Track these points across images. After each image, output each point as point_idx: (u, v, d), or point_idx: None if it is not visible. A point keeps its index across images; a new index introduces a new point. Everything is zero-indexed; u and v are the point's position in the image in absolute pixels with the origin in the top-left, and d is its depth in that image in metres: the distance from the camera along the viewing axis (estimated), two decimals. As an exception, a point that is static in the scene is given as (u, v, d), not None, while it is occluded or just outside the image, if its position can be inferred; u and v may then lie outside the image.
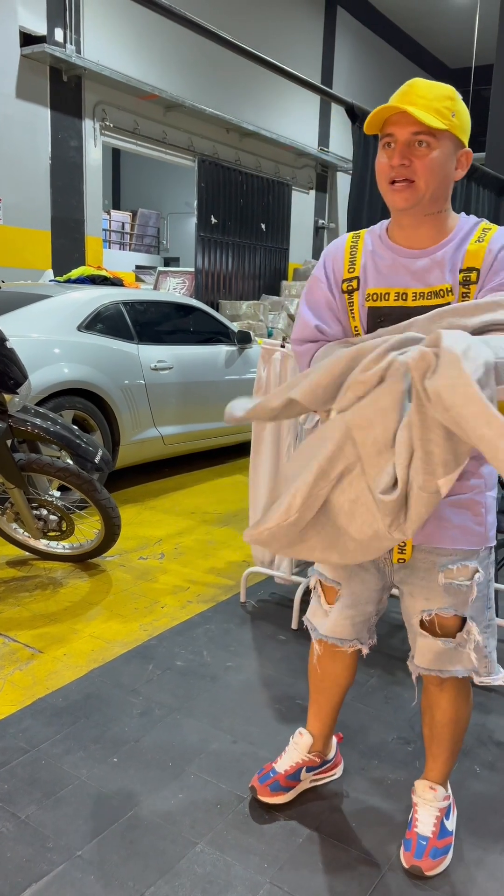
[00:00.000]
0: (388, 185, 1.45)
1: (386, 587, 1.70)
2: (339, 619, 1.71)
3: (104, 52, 8.46)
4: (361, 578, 1.67)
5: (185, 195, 14.81)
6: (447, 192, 1.48)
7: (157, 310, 5.00)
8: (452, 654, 1.61)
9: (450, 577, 1.56)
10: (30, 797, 1.89)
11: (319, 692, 1.89)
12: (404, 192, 1.43)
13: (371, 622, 1.75)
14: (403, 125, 1.41)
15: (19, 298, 4.44)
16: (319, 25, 12.20)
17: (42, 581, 3.27)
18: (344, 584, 1.69)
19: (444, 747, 1.75)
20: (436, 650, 1.61)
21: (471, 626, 1.60)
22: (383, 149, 1.45)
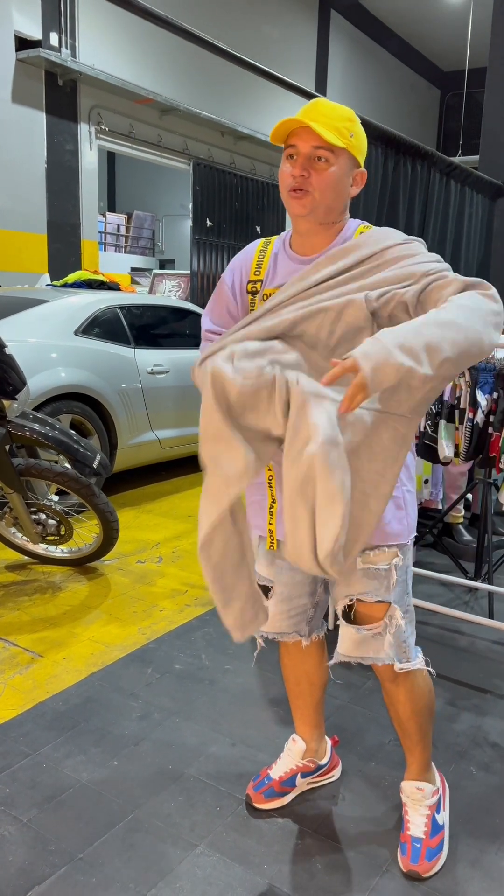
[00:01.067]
0: (289, 193, 1.53)
1: (317, 580, 1.75)
2: (275, 614, 1.77)
3: (99, 56, 8.48)
4: (291, 573, 1.72)
5: (180, 198, 14.82)
6: (342, 205, 1.56)
7: (153, 314, 5.02)
8: (371, 642, 1.65)
9: (368, 561, 1.60)
10: (31, 801, 1.91)
11: (297, 696, 1.93)
12: (302, 200, 1.51)
13: (309, 615, 1.79)
14: (306, 139, 1.49)
15: (16, 303, 4.46)
16: (313, 29, 12.24)
17: (41, 585, 3.29)
18: (275, 581, 1.75)
19: (415, 740, 1.78)
20: (355, 638, 1.66)
21: (394, 610, 1.63)
22: (286, 159, 1.54)
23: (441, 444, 2.98)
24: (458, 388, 2.94)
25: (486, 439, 2.93)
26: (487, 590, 3.04)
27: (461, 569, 3.39)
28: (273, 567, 1.75)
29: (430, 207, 4.04)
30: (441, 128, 16.52)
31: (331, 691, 2.44)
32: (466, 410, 2.92)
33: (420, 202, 3.93)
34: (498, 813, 1.93)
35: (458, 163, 4.26)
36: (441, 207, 4.19)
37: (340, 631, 1.70)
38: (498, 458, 2.92)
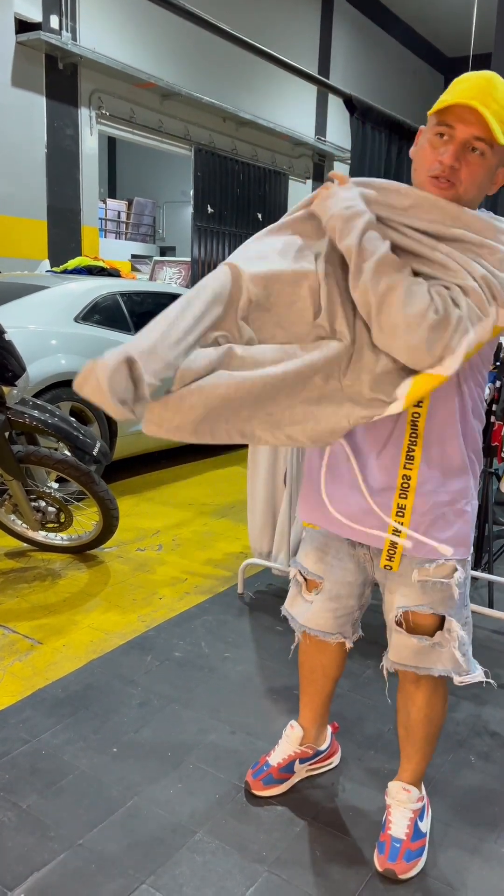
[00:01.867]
0: (428, 178, 1.39)
1: (367, 582, 1.70)
2: (321, 612, 1.72)
3: (100, 39, 8.40)
4: (342, 572, 1.67)
5: (181, 184, 14.74)
6: (478, 204, 1.45)
7: (153, 301, 4.99)
8: (430, 652, 1.60)
9: (425, 574, 1.54)
10: (31, 787, 1.91)
11: (309, 683, 1.90)
12: (446, 192, 1.38)
13: (354, 616, 1.75)
14: (468, 124, 1.33)
15: (16, 289, 4.43)
16: (317, 13, 12.11)
17: (41, 572, 3.29)
18: (325, 578, 1.70)
19: (417, 747, 1.73)
20: (412, 647, 1.60)
21: (451, 623, 1.57)
22: (435, 136, 1.37)
23: (442, 433, 2.97)
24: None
25: (489, 429, 2.92)
26: (488, 579, 3.03)
27: (461, 558, 3.38)
28: (323, 563, 1.69)
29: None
30: (444, 114, 16.36)
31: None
32: (468, 399, 2.91)
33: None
34: (497, 801, 1.93)
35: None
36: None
37: (394, 638, 1.63)
38: (500, 447, 2.91)
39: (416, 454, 1.48)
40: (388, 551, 1.54)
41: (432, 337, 1.27)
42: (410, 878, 1.67)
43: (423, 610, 1.57)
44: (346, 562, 1.67)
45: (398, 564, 1.55)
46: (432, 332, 1.27)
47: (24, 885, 1.61)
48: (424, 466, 1.49)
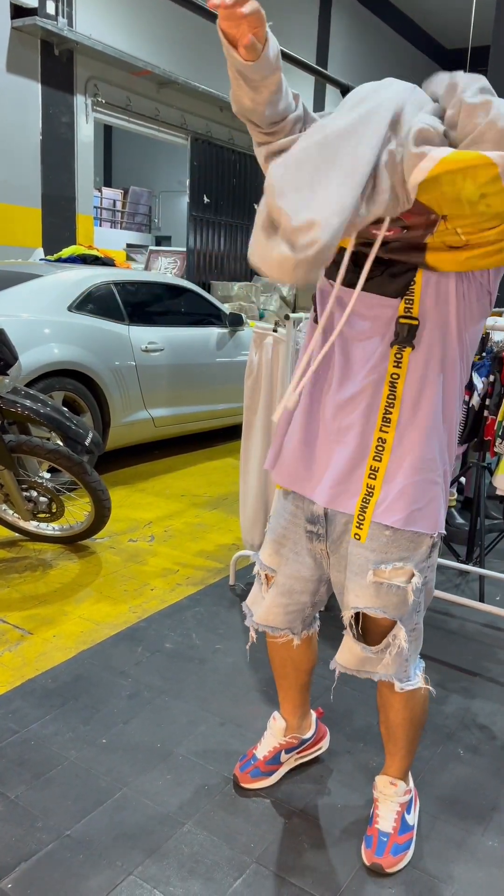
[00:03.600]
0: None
1: (322, 579, 1.69)
2: (272, 607, 1.71)
3: (97, 25, 8.32)
4: (297, 566, 1.66)
5: (177, 173, 14.66)
6: None
7: (148, 291, 4.97)
8: (374, 659, 1.60)
9: (381, 576, 1.52)
10: (19, 777, 1.91)
11: (282, 678, 1.90)
12: None
13: (306, 613, 1.74)
14: None
15: (9, 277, 4.40)
16: (315, 3, 12.03)
17: (32, 562, 3.28)
18: (279, 571, 1.69)
19: (399, 745, 1.74)
20: (357, 653, 1.61)
21: (398, 630, 1.56)
22: None
23: (436, 427, 2.97)
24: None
25: (482, 423, 2.92)
26: (478, 573, 3.04)
27: (453, 552, 3.39)
28: (278, 556, 1.69)
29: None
30: (442, 107, 16.31)
31: (320, 671, 2.45)
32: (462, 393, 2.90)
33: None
34: (484, 795, 1.94)
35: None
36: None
37: (344, 641, 1.64)
38: (492, 441, 2.91)
39: (393, 417, 1.47)
40: (358, 516, 1.51)
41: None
42: (397, 871, 1.67)
43: (375, 613, 1.54)
44: (302, 555, 1.66)
45: (367, 532, 1.51)
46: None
47: (11, 875, 1.61)
48: (400, 430, 1.48)
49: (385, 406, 1.47)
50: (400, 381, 1.45)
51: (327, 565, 1.66)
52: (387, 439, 1.48)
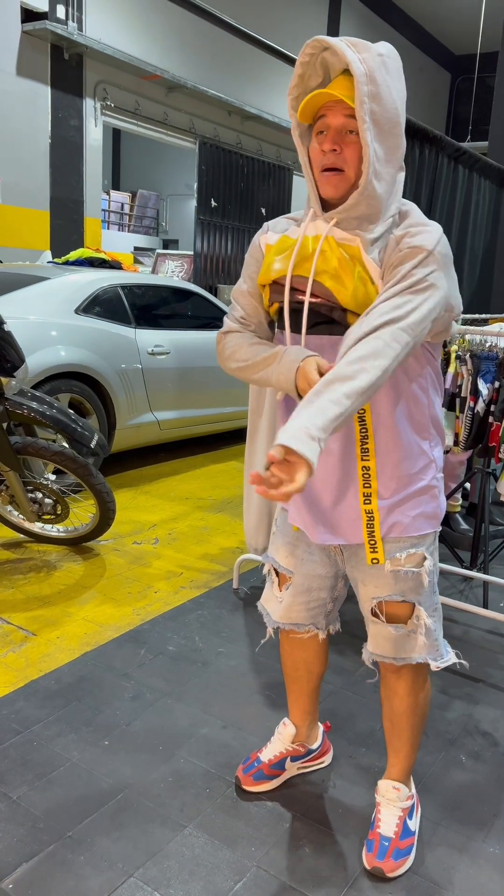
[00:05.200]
0: (320, 175, 1.47)
1: (338, 575, 1.72)
2: (293, 605, 1.74)
3: (106, 30, 8.36)
4: (312, 565, 1.70)
5: (185, 177, 14.70)
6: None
7: (154, 294, 4.98)
8: (406, 641, 1.63)
9: (397, 564, 1.58)
10: (21, 778, 1.91)
11: (293, 681, 1.91)
12: (339, 180, 1.46)
13: (327, 609, 1.76)
14: (336, 112, 1.42)
15: (17, 280, 4.42)
16: (324, 8, 12.06)
17: (36, 564, 3.29)
18: (295, 572, 1.72)
19: (404, 739, 1.75)
20: (389, 637, 1.63)
21: (419, 611, 1.61)
22: (317, 136, 1.45)
23: (441, 433, 2.97)
24: (460, 377, 2.92)
25: (486, 429, 2.92)
26: (483, 579, 3.04)
27: (457, 558, 3.39)
28: (294, 557, 1.71)
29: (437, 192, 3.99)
30: (450, 112, 16.33)
31: (324, 676, 2.45)
32: (467, 399, 2.90)
33: (427, 187, 3.89)
34: (486, 801, 1.94)
35: (467, 148, 4.21)
36: (448, 193, 4.15)
37: (371, 629, 1.66)
38: (497, 447, 2.91)
39: (370, 446, 1.51)
40: (369, 542, 1.57)
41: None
42: (398, 876, 1.67)
43: (395, 599, 1.60)
44: (316, 555, 1.69)
45: (383, 555, 1.57)
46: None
47: (12, 875, 1.62)
48: (380, 456, 1.52)
49: (360, 438, 1.52)
50: (367, 415, 1.50)
51: (342, 561, 1.69)
52: (370, 466, 1.53)
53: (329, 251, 1.44)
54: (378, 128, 1.38)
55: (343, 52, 1.33)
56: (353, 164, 1.40)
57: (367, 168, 1.38)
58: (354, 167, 1.40)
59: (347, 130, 1.39)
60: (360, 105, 1.34)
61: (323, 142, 1.41)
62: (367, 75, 1.34)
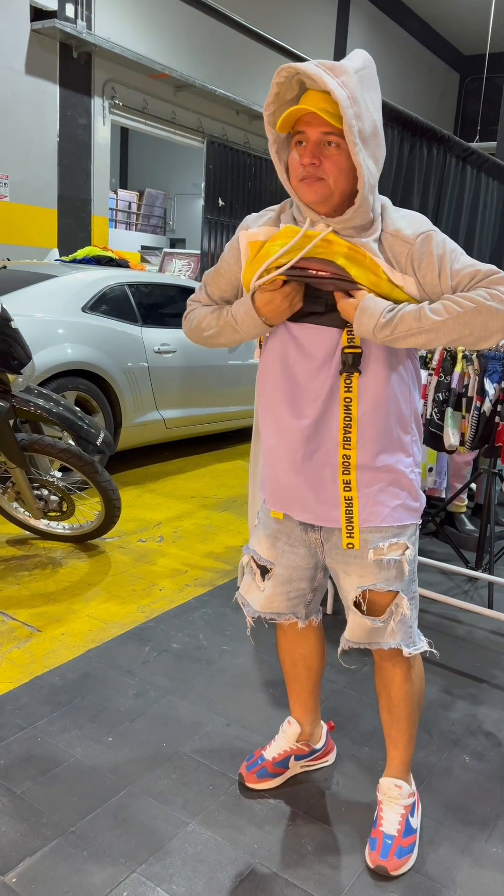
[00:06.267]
0: (299, 183, 1.50)
1: (318, 566, 1.75)
2: (273, 595, 1.76)
3: (115, 29, 8.37)
4: (293, 556, 1.72)
5: (192, 176, 14.70)
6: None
7: (161, 292, 4.99)
8: (382, 630, 1.67)
9: (380, 554, 1.61)
10: (25, 773, 1.92)
11: (293, 679, 1.93)
12: (318, 187, 1.50)
13: (307, 598, 1.79)
14: (314, 125, 1.45)
15: (24, 278, 4.43)
16: (333, 8, 12.05)
17: (41, 561, 3.30)
18: (276, 563, 1.74)
19: (403, 728, 1.77)
20: (366, 627, 1.66)
21: (401, 599, 1.65)
22: (296, 146, 1.49)
23: (447, 432, 2.97)
24: (467, 376, 2.92)
25: (493, 428, 2.91)
26: (488, 580, 3.03)
27: (462, 558, 3.38)
28: (275, 549, 1.74)
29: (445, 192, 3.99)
30: (459, 112, 16.30)
31: (326, 675, 2.45)
32: (474, 399, 2.90)
33: (435, 187, 3.88)
34: (489, 801, 1.94)
35: (476, 148, 4.20)
36: (456, 193, 4.14)
37: (350, 619, 1.69)
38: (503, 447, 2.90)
39: (353, 437, 1.55)
40: (347, 528, 1.60)
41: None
42: (401, 874, 1.67)
43: (379, 588, 1.63)
44: (297, 547, 1.72)
45: (359, 541, 1.61)
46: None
47: (15, 870, 1.62)
48: (362, 446, 1.56)
49: (343, 427, 1.55)
50: (353, 404, 1.54)
51: (321, 554, 1.72)
52: (350, 455, 1.56)
53: (335, 241, 1.49)
54: (365, 143, 1.43)
55: (324, 81, 1.37)
56: (332, 175, 1.45)
57: (363, 187, 1.43)
58: (333, 177, 1.45)
59: (325, 143, 1.43)
60: (350, 129, 1.38)
61: (303, 155, 1.45)
62: (350, 98, 1.38)
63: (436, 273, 1.48)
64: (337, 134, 1.42)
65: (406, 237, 1.48)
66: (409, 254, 1.48)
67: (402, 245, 1.48)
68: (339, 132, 1.42)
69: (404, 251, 1.48)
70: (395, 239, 1.49)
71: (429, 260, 1.47)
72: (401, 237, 1.48)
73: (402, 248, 1.48)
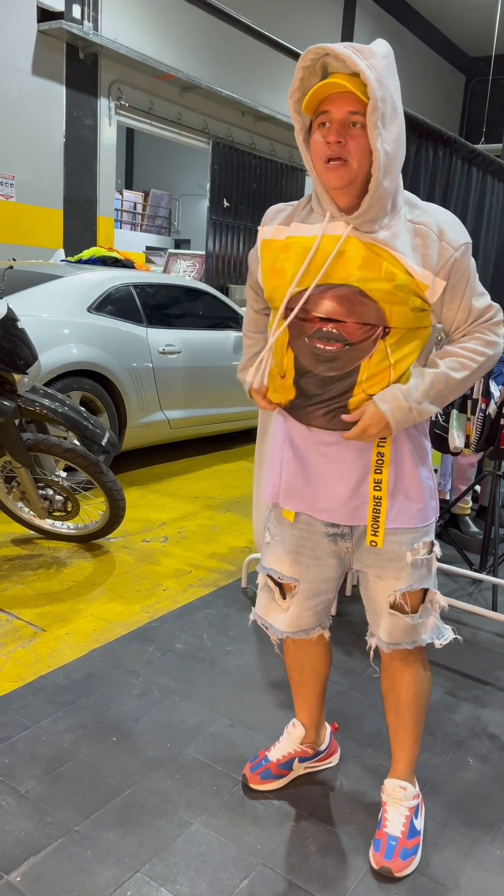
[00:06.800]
0: (323, 166, 1.47)
1: (344, 567, 1.74)
2: (301, 612, 1.73)
3: (121, 30, 8.39)
4: (320, 569, 1.70)
5: (198, 177, 14.72)
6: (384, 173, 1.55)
7: (166, 293, 5.00)
8: (419, 626, 1.68)
9: (416, 553, 1.63)
10: (30, 772, 1.92)
11: (299, 685, 1.91)
12: (342, 171, 1.48)
13: (329, 605, 1.79)
14: (340, 104, 1.44)
15: (30, 278, 4.44)
16: (339, 9, 12.05)
17: (46, 560, 3.30)
18: (301, 579, 1.71)
19: (409, 729, 1.76)
20: (405, 626, 1.66)
21: (434, 595, 1.68)
22: (319, 128, 1.45)
23: (452, 434, 2.96)
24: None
25: (498, 431, 2.91)
26: (492, 582, 3.03)
27: (466, 560, 3.38)
28: (299, 564, 1.69)
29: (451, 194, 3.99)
30: (465, 114, 16.28)
31: (331, 676, 2.45)
32: (479, 401, 2.90)
33: (440, 188, 3.88)
34: (493, 803, 1.93)
35: (481, 150, 4.20)
36: (461, 194, 4.14)
37: (387, 622, 1.66)
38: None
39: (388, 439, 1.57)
40: (372, 526, 1.60)
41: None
42: (405, 875, 1.67)
43: (415, 588, 1.64)
44: (323, 559, 1.69)
45: (382, 540, 1.60)
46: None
47: (20, 868, 1.63)
48: (396, 443, 1.57)
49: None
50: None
51: (350, 560, 1.70)
52: (384, 453, 1.56)
53: (352, 250, 1.46)
54: (385, 127, 1.40)
55: (353, 61, 1.35)
56: (357, 156, 1.42)
57: (378, 172, 1.41)
58: (357, 159, 1.42)
59: (350, 123, 1.40)
60: (373, 111, 1.36)
61: (327, 134, 1.42)
62: (378, 80, 1.37)
63: (460, 295, 1.50)
64: (362, 114, 1.39)
65: (451, 241, 1.46)
66: (451, 258, 1.46)
67: (445, 248, 1.46)
68: (364, 113, 1.39)
69: (446, 254, 1.46)
70: (434, 236, 1.46)
71: (464, 276, 1.49)
72: (445, 239, 1.46)
73: (446, 251, 1.46)
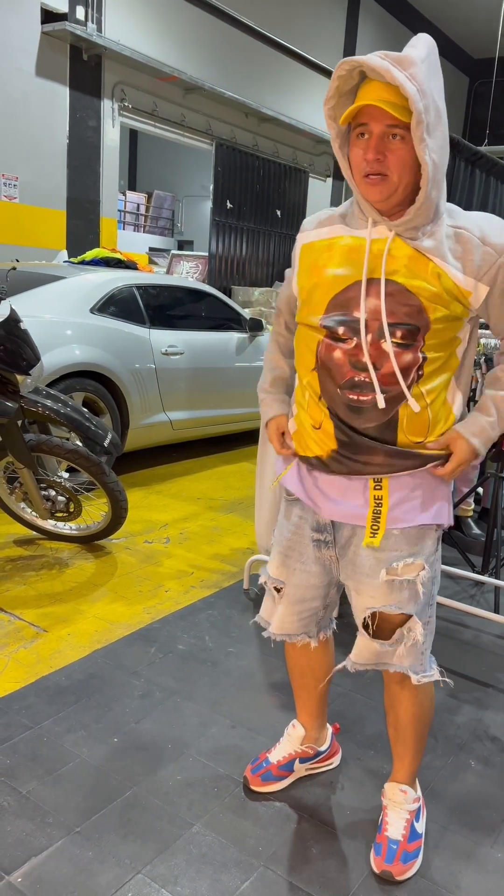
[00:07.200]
0: (362, 180, 1.46)
1: (331, 583, 1.71)
2: (285, 616, 1.74)
3: (125, 31, 8.40)
4: (305, 575, 1.69)
5: (201, 178, 14.74)
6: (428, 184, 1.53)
7: (169, 294, 5.00)
8: (389, 652, 1.63)
9: (393, 574, 1.56)
10: (31, 773, 1.93)
11: (301, 688, 1.91)
12: (381, 187, 1.48)
13: (319, 616, 1.76)
14: (378, 119, 1.42)
15: (33, 279, 4.45)
16: (342, 11, 12.06)
17: (48, 561, 3.31)
18: (287, 582, 1.71)
19: (408, 746, 1.74)
20: (373, 650, 1.63)
21: (414, 623, 1.59)
22: (357, 138, 1.43)
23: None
24: (475, 380, 2.92)
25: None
26: (494, 584, 3.02)
27: (469, 562, 3.37)
28: (285, 567, 1.71)
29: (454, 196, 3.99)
30: (468, 116, 16.28)
31: (333, 678, 2.45)
32: (481, 403, 2.89)
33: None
34: (494, 806, 1.93)
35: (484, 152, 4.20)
36: (465, 196, 4.14)
37: (357, 639, 1.65)
38: (511, 452, 2.89)
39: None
40: (372, 527, 1.55)
41: None
42: (406, 879, 1.67)
43: (390, 610, 1.58)
44: (308, 564, 1.68)
45: (381, 538, 1.55)
46: None
47: (21, 869, 1.63)
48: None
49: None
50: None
51: (336, 570, 1.68)
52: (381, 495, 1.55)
53: (397, 250, 1.44)
54: (431, 136, 1.37)
55: (392, 75, 1.31)
56: (397, 170, 1.39)
57: (426, 184, 1.38)
58: (398, 172, 1.39)
59: (389, 136, 1.38)
60: (418, 125, 1.33)
61: (367, 150, 1.39)
62: (419, 91, 1.33)
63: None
64: (401, 126, 1.36)
65: (494, 245, 1.44)
66: (496, 263, 1.44)
67: (489, 253, 1.44)
68: (404, 125, 1.36)
69: (490, 259, 1.44)
70: (477, 241, 1.44)
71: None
72: (489, 243, 1.44)
73: (489, 255, 1.44)
